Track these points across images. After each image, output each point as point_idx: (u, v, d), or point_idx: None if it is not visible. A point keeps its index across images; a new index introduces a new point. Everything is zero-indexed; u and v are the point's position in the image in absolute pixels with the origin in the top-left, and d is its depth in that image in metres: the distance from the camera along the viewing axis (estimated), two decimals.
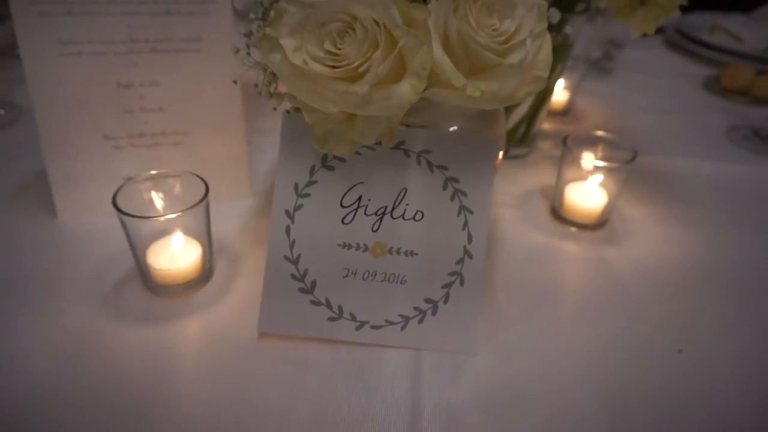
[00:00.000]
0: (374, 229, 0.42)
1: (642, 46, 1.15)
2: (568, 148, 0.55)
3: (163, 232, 0.45)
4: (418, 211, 0.42)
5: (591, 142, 0.57)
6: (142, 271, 0.46)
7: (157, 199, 0.46)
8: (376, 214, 0.42)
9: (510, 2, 0.35)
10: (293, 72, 0.35)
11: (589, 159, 0.55)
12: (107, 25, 0.48)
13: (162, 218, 0.43)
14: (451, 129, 0.44)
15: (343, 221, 0.42)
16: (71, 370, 0.40)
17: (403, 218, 0.42)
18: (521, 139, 0.70)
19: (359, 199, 0.42)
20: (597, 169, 0.55)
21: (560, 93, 0.83)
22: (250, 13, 0.39)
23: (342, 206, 0.42)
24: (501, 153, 0.51)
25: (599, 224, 0.58)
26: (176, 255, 0.45)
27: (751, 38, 1.06)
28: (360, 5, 0.33)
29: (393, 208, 0.42)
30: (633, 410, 0.39)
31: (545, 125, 0.80)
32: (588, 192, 0.57)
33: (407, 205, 0.42)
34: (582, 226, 0.58)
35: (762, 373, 0.43)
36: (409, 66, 0.33)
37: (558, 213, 0.59)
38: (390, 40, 0.33)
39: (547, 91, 0.67)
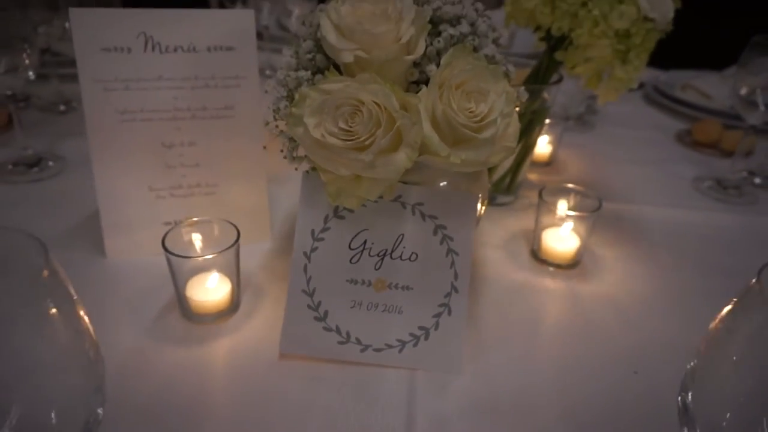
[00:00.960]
0: (376, 267, 0.51)
1: (623, 101, 1.25)
2: (543, 199, 0.64)
3: (200, 269, 0.54)
4: (413, 252, 0.51)
5: (563, 193, 0.66)
6: (181, 302, 0.54)
7: (196, 242, 0.55)
8: (378, 255, 0.51)
9: (484, 90, 0.44)
10: (314, 143, 0.44)
11: (561, 208, 0.64)
12: (156, 97, 0.58)
13: (200, 258, 0.52)
14: (442, 184, 0.53)
15: (350, 261, 0.51)
16: (120, 385, 0.48)
17: (401, 259, 0.51)
18: (507, 188, 0.80)
19: (364, 242, 0.51)
20: (568, 216, 0.64)
21: (544, 146, 0.93)
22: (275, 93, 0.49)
23: (350, 249, 0.51)
24: (485, 203, 0.60)
25: (573, 264, 0.66)
26: (210, 289, 0.54)
27: (719, 96, 1.17)
28: (366, 93, 0.42)
29: (392, 250, 0.51)
30: (592, 422, 0.47)
31: (531, 175, 0.89)
32: (562, 236, 0.66)
33: (404, 247, 0.51)
34: (558, 266, 0.66)
35: None
36: (405, 139, 0.43)
37: (537, 254, 0.67)
38: (390, 120, 0.42)
39: (528, 147, 0.76)
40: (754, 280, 0.28)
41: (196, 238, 0.55)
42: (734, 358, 0.27)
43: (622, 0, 0.60)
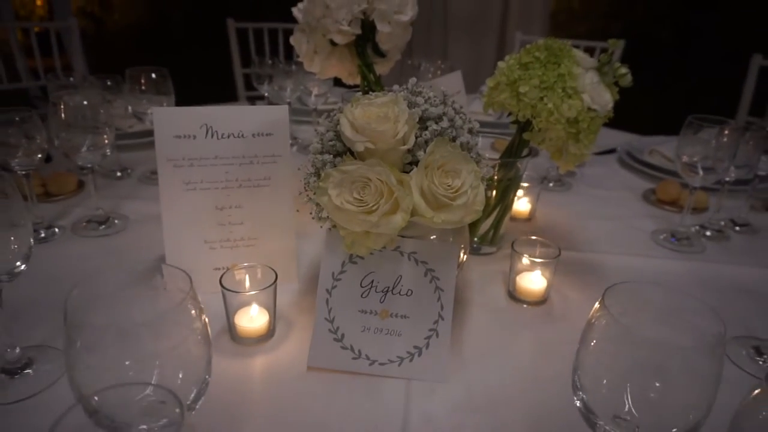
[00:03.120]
0: (381, 301, 0.67)
1: (599, 164, 1.43)
2: (515, 250, 0.80)
3: (246, 303, 0.70)
4: (408, 289, 0.67)
5: (531, 245, 0.83)
6: (231, 328, 0.70)
7: (244, 281, 0.71)
8: (382, 291, 0.67)
9: (458, 170, 0.61)
10: (334, 208, 0.61)
11: (529, 257, 0.80)
12: (213, 171, 0.76)
13: (247, 293, 0.68)
14: (432, 237, 0.70)
15: (361, 296, 0.67)
16: None
17: (399, 294, 0.67)
18: (491, 240, 0.96)
19: (372, 281, 0.67)
20: (535, 263, 0.80)
21: (525, 205, 1.09)
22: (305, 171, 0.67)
23: (361, 286, 0.67)
24: (467, 252, 0.76)
25: (541, 301, 0.82)
26: (253, 318, 0.70)
27: None
28: (373, 173, 0.60)
29: (393, 288, 0.67)
30: (548, 418, 0.62)
31: (514, 229, 1.06)
32: (532, 279, 0.81)
33: (402, 285, 0.67)
34: (529, 303, 0.81)
35: None
36: (401, 206, 0.60)
37: (512, 294, 0.83)
38: (389, 192, 0.59)
39: (506, 207, 0.93)
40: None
41: (243, 279, 0.71)
42: (592, 343, 0.43)
43: (570, 95, 0.78)
